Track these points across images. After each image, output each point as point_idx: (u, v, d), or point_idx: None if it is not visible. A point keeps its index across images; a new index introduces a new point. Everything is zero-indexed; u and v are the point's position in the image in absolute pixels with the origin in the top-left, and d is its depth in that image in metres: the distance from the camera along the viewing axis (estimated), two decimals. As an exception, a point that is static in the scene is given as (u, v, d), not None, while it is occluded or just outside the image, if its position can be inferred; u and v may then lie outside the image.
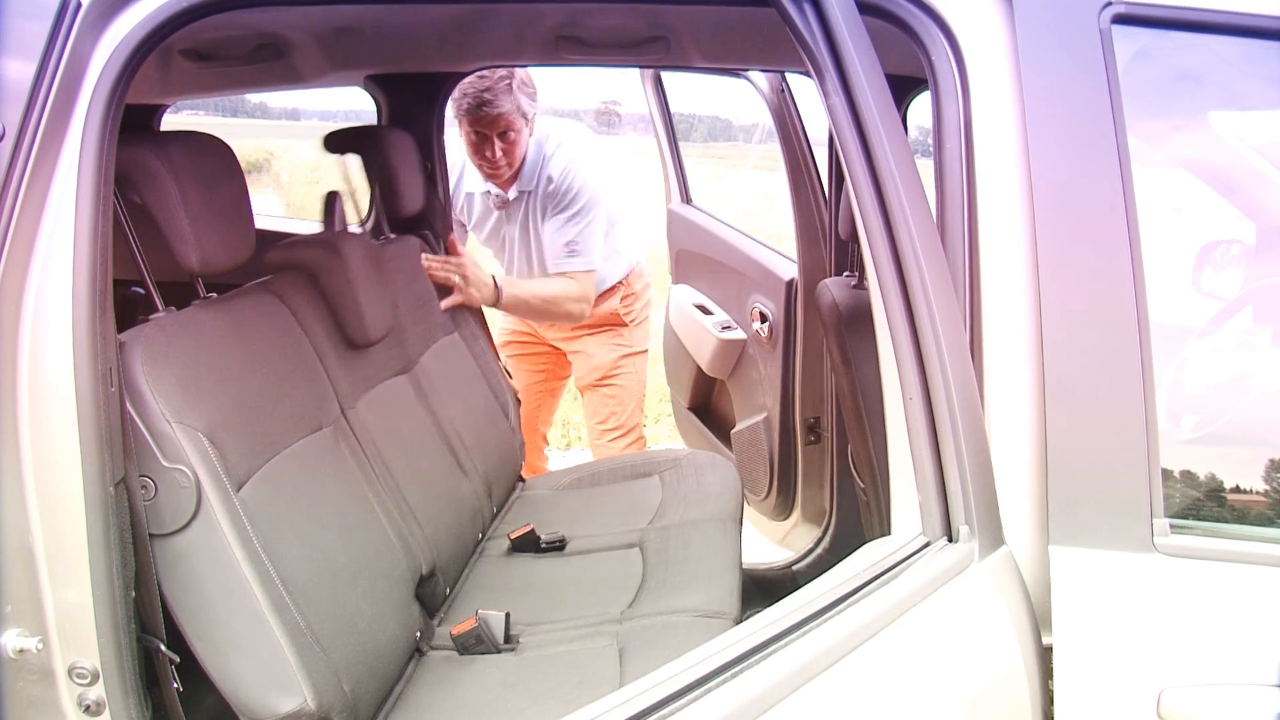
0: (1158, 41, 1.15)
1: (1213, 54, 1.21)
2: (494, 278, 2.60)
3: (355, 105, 2.97)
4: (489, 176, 2.63)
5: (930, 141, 1.16)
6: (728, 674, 0.96)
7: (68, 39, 1.07)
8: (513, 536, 2.06)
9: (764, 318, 2.81)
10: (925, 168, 1.13)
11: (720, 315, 3.00)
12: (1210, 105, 1.47)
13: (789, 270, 2.77)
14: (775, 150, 2.77)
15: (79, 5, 1.07)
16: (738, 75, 2.72)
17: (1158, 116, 1.31)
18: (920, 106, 2.18)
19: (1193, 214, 1.58)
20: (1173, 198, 1.45)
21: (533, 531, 2.06)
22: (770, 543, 2.93)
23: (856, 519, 2.05)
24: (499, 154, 2.52)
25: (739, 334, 2.92)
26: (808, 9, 1.05)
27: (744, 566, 2.00)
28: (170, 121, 3.07)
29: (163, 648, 1.26)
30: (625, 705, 0.95)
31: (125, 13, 1.10)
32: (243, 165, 1.53)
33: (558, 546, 2.04)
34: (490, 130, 2.48)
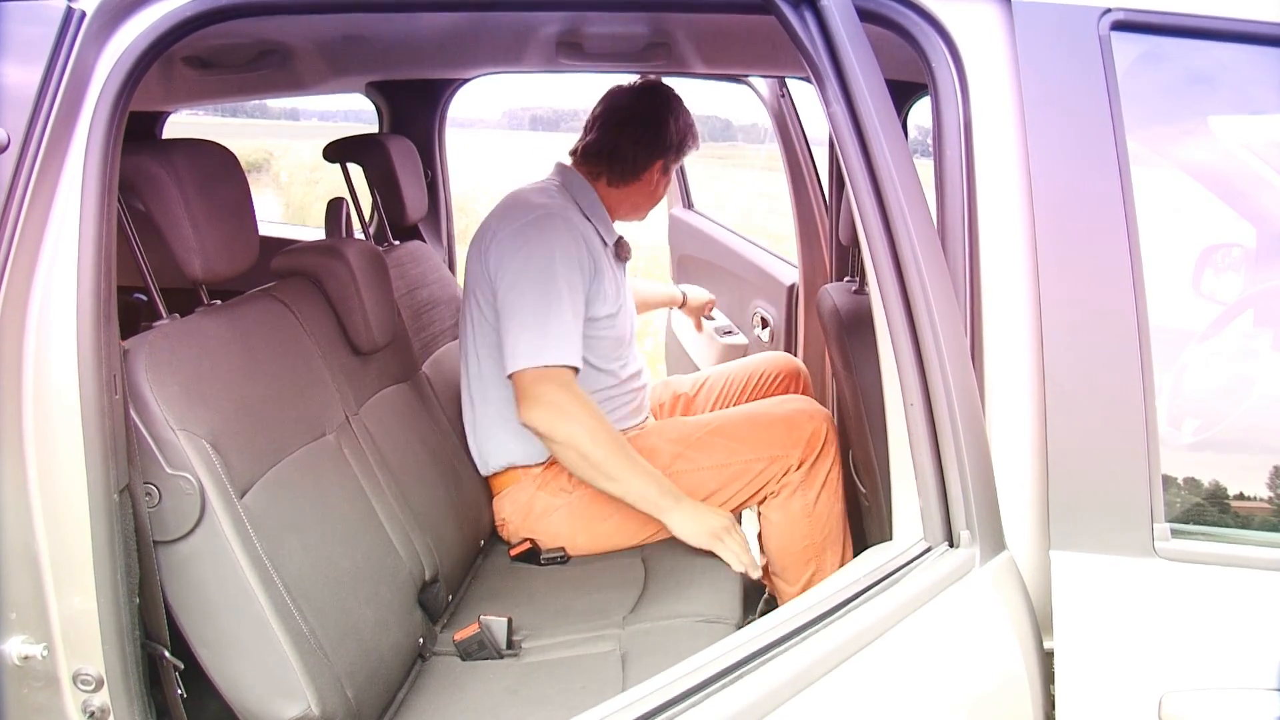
0: (1157, 48, 1.16)
1: (1212, 59, 1.22)
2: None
3: (355, 105, 2.99)
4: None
5: (930, 141, 1.17)
6: (729, 678, 0.97)
7: (72, 48, 1.08)
8: (513, 555, 2.03)
9: (765, 322, 2.82)
10: (925, 167, 1.13)
11: (722, 320, 3.01)
12: (1210, 110, 1.47)
13: (790, 275, 2.77)
14: (775, 150, 2.78)
15: (83, 15, 1.08)
16: (738, 81, 2.73)
17: (1157, 122, 1.31)
18: (921, 108, 2.18)
19: (1193, 217, 1.58)
20: (1173, 202, 1.45)
21: (534, 547, 2.03)
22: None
23: (859, 523, 2.05)
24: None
25: (740, 339, 2.92)
26: (808, 17, 1.05)
27: (746, 571, 2.00)
28: (169, 121, 3.07)
29: (167, 654, 1.26)
30: (628, 710, 0.95)
31: (128, 23, 1.11)
32: (242, 165, 1.54)
33: (559, 561, 2.02)
34: None
